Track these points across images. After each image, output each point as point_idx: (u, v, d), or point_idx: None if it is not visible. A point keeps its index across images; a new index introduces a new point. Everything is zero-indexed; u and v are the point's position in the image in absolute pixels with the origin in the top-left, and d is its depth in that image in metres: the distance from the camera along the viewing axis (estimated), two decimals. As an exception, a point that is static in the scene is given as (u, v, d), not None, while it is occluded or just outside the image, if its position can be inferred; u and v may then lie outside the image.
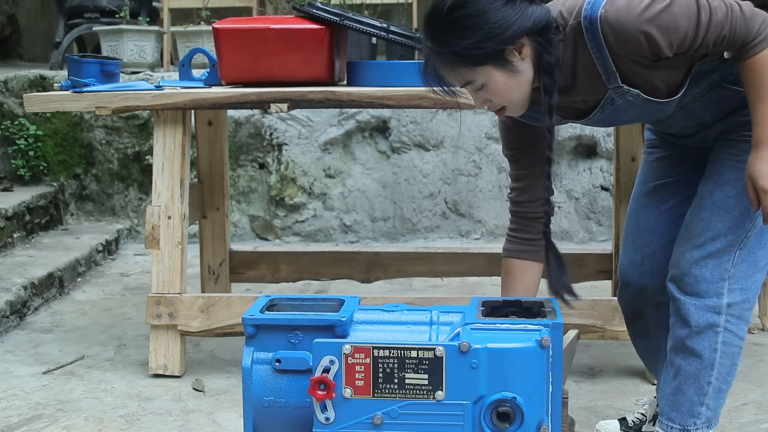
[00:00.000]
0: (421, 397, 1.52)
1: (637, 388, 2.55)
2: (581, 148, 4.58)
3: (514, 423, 1.50)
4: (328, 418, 1.53)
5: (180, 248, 2.64)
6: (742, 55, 1.67)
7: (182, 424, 2.33)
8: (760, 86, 1.68)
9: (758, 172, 1.69)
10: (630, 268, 2.06)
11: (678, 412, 1.87)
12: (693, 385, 1.85)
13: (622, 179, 3.15)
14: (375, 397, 1.52)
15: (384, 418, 1.52)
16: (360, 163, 4.61)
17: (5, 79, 4.64)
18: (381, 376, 1.52)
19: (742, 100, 1.76)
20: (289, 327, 1.62)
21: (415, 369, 1.51)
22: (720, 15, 1.63)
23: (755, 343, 2.96)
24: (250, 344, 1.63)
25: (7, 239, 3.96)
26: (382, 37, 2.69)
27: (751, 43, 1.65)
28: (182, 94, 2.59)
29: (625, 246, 2.08)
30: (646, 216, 2.05)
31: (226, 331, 2.66)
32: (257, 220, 4.67)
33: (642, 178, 2.09)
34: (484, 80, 1.66)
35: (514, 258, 1.92)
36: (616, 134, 3.17)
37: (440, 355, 1.50)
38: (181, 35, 4.86)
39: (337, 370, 1.52)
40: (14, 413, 2.42)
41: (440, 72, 1.68)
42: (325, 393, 1.51)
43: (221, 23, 2.72)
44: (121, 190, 4.71)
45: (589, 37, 1.66)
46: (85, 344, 3.03)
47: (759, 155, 1.70)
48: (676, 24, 1.62)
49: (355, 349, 1.52)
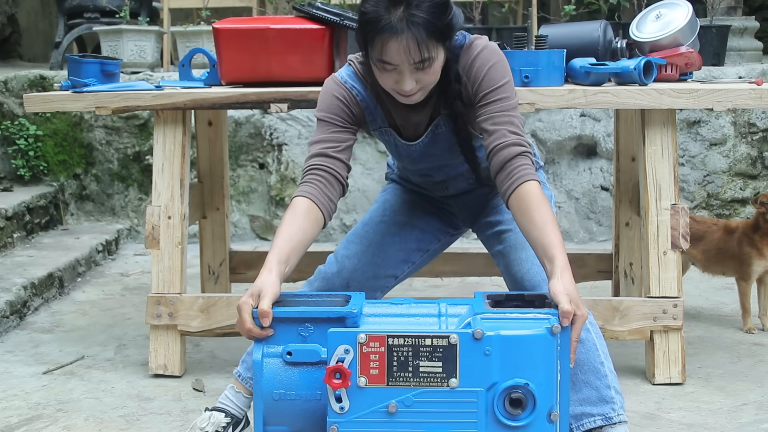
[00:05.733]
0: (435, 385, 1.54)
1: (638, 388, 2.55)
2: (581, 148, 4.58)
3: (526, 409, 1.53)
4: (342, 407, 1.54)
5: (180, 248, 2.64)
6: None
7: (182, 424, 2.33)
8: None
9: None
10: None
11: (589, 405, 1.88)
12: (589, 371, 1.88)
13: (622, 179, 3.15)
14: (389, 385, 1.54)
15: (398, 407, 1.54)
16: (360, 163, 4.60)
17: (5, 79, 4.64)
18: (395, 365, 1.53)
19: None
20: (299, 320, 1.63)
21: (429, 357, 1.53)
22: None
23: (755, 344, 2.96)
24: (260, 339, 1.64)
25: (7, 239, 3.96)
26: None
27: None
28: (182, 94, 2.59)
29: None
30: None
31: (226, 331, 2.66)
32: (257, 220, 4.66)
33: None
34: (435, 57, 1.79)
35: (307, 198, 1.85)
36: (616, 134, 3.17)
37: (454, 343, 1.52)
38: (181, 35, 4.85)
39: (352, 359, 1.53)
40: (14, 413, 2.42)
41: (409, 43, 1.74)
42: (341, 382, 1.52)
43: (221, 23, 2.72)
44: (121, 190, 4.70)
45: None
46: (85, 344, 3.03)
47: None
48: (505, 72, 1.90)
49: (370, 338, 1.54)
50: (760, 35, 5.25)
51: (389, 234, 2.18)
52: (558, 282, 1.63)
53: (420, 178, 2.23)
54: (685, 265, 3.28)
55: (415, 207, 2.26)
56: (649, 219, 2.55)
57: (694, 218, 3.19)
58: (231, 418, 2.10)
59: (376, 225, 2.20)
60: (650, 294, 2.55)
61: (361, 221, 2.24)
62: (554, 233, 1.71)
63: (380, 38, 1.75)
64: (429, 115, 2.00)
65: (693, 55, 2.68)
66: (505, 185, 1.81)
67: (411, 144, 2.05)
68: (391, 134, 2.05)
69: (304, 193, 1.86)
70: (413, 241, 2.21)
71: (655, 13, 2.79)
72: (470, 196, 2.24)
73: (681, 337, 2.56)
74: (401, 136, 2.05)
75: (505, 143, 1.82)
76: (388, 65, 1.79)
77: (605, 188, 4.54)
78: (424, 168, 2.15)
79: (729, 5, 5.18)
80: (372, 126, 2.05)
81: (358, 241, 2.17)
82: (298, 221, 1.82)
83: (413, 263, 2.22)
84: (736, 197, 4.51)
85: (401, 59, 1.76)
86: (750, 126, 4.48)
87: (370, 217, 2.23)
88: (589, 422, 1.88)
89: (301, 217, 1.83)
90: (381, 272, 2.15)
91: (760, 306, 3.12)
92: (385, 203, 2.26)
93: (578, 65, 2.55)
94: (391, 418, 1.54)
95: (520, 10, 5.87)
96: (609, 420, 1.88)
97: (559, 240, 1.71)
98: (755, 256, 3.02)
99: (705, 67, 4.21)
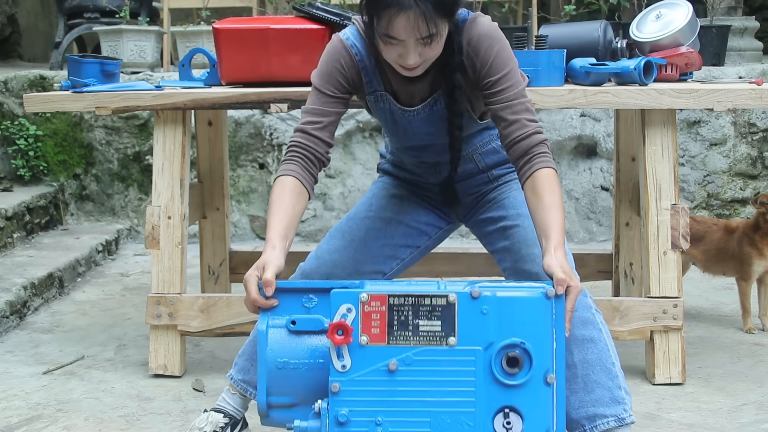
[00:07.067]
0: (435, 344, 1.58)
1: (638, 388, 2.55)
2: (581, 148, 4.58)
3: (523, 369, 1.57)
4: (344, 365, 1.58)
5: (180, 248, 2.64)
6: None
7: (182, 424, 2.33)
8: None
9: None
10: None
11: (602, 406, 1.87)
12: (602, 372, 1.88)
13: (622, 179, 3.15)
14: (390, 344, 1.59)
15: (399, 365, 1.58)
16: (360, 163, 4.60)
17: (5, 79, 4.64)
18: (396, 324, 1.59)
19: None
20: (303, 290, 1.68)
21: (429, 316, 1.59)
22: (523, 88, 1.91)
23: (755, 344, 2.96)
24: (266, 310, 1.69)
25: (7, 239, 3.96)
26: (382, 37, 2.68)
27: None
28: (182, 94, 2.59)
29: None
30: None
31: (226, 331, 2.66)
32: (257, 220, 4.66)
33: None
34: (441, 32, 1.78)
35: (292, 177, 1.91)
36: (616, 134, 3.17)
37: (453, 302, 1.59)
38: (181, 35, 4.85)
39: (354, 318, 1.59)
40: (14, 413, 2.42)
41: (417, 18, 1.73)
42: (343, 337, 1.56)
43: (221, 23, 2.72)
44: (121, 190, 4.70)
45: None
46: (85, 344, 3.03)
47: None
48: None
49: (372, 298, 1.60)
50: (760, 35, 5.25)
51: (374, 229, 2.15)
52: (551, 257, 1.69)
53: (413, 160, 2.19)
54: (686, 264, 3.28)
55: (403, 202, 2.22)
56: (649, 219, 2.55)
57: (694, 218, 3.19)
58: (229, 418, 2.10)
59: (360, 220, 2.18)
60: (650, 294, 2.55)
61: (346, 216, 2.22)
62: (557, 215, 1.77)
63: (387, 13, 1.74)
64: (428, 87, 1.98)
65: (693, 55, 2.68)
66: (524, 168, 1.87)
67: (407, 110, 2.01)
68: (387, 99, 2.01)
69: (288, 171, 1.92)
70: (399, 237, 2.18)
71: (655, 13, 2.79)
72: (465, 185, 2.19)
73: (681, 337, 2.56)
74: (398, 102, 2.02)
75: (527, 133, 1.87)
76: (394, 40, 1.78)
77: (605, 188, 4.54)
78: (418, 145, 2.10)
79: (729, 5, 5.18)
80: (368, 89, 2.01)
81: (339, 236, 2.15)
82: (287, 197, 1.88)
83: (401, 259, 2.20)
84: (736, 197, 4.51)
85: (408, 34, 1.75)
86: (750, 126, 4.48)
87: (356, 212, 2.21)
88: (602, 423, 1.87)
89: (290, 194, 1.89)
90: (363, 268, 2.12)
91: (760, 306, 3.12)
92: (372, 198, 2.23)
93: (578, 65, 2.55)
94: (391, 376, 1.58)
95: (520, 10, 5.87)
96: (622, 421, 1.88)
97: (559, 222, 1.76)
98: (755, 256, 3.02)
99: (705, 67, 4.21)
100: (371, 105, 2.06)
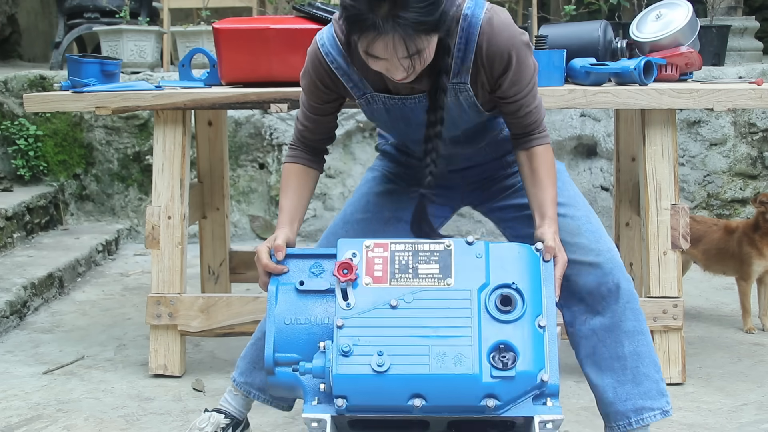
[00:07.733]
0: (433, 285, 1.69)
1: (637, 388, 2.55)
2: (581, 148, 4.59)
3: (516, 307, 1.65)
4: (349, 304, 1.67)
5: (180, 248, 2.64)
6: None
7: (182, 424, 2.33)
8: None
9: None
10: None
11: (650, 399, 1.89)
12: (650, 364, 1.91)
13: (622, 179, 3.15)
14: (392, 285, 1.69)
15: (399, 302, 1.67)
16: (360, 162, 4.60)
17: (5, 79, 4.64)
18: (397, 267, 1.71)
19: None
20: (312, 256, 1.78)
21: (428, 260, 1.71)
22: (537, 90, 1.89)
23: (755, 344, 2.96)
24: (276, 275, 1.78)
25: (7, 239, 3.96)
26: (382, 37, 2.68)
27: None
28: (182, 94, 2.59)
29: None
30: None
31: (226, 331, 2.66)
32: (257, 220, 4.67)
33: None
34: (427, 47, 1.67)
35: (297, 164, 1.99)
36: (616, 134, 3.17)
37: (449, 247, 1.72)
38: (181, 35, 4.85)
39: (358, 262, 1.71)
40: (14, 413, 2.42)
41: (395, 42, 1.62)
42: (348, 275, 1.68)
43: (221, 23, 2.72)
44: (121, 190, 4.71)
45: (462, 31, 1.78)
46: (85, 344, 3.03)
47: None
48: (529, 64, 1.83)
49: (375, 245, 1.73)
50: (760, 35, 5.25)
51: (371, 232, 2.05)
52: (546, 229, 1.80)
53: (419, 146, 1.99)
54: (686, 264, 3.28)
55: (402, 197, 2.09)
56: (649, 219, 2.55)
57: (694, 218, 3.19)
58: (231, 419, 2.10)
59: (356, 223, 2.08)
60: (650, 294, 2.55)
61: (340, 217, 2.12)
62: (552, 192, 1.86)
63: (366, 36, 1.64)
64: (427, 77, 1.85)
65: (693, 55, 2.68)
66: (521, 141, 1.92)
67: (407, 98, 1.89)
68: (379, 98, 1.91)
69: (293, 159, 1.98)
70: (399, 237, 2.09)
71: (655, 13, 2.79)
72: (474, 171, 2.11)
73: (681, 337, 2.56)
74: (397, 94, 1.90)
75: (533, 137, 1.92)
76: (376, 58, 1.69)
77: (605, 188, 4.54)
78: (420, 139, 1.94)
79: (729, 5, 5.18)
80: (356, 93, 1.91)
81: (336, 241, 2.09)
82: (293, 182, 1.95)
83: None
84: (736, 197, 4.51)
85: (390, 54, 1.66)
86: (750, 126, 4.48)
87: (352, 212, 2.10)
88: (649, 417, 1.91)
89: (295, 178, 1.96)
90: None
91: (760, 306, 3.13)
92: (368, 196, 2.12)
93: (578, 65, 2.55)
94: (392, 311, 1.66)
95: (520, 10, 5.87)
96: (666, 414, 1.92)
97: (553, 199, 1.85)
98: (755, 256, 3.03)
99: (705, 67, 4.21)
100: (364, 109, 1.97)
